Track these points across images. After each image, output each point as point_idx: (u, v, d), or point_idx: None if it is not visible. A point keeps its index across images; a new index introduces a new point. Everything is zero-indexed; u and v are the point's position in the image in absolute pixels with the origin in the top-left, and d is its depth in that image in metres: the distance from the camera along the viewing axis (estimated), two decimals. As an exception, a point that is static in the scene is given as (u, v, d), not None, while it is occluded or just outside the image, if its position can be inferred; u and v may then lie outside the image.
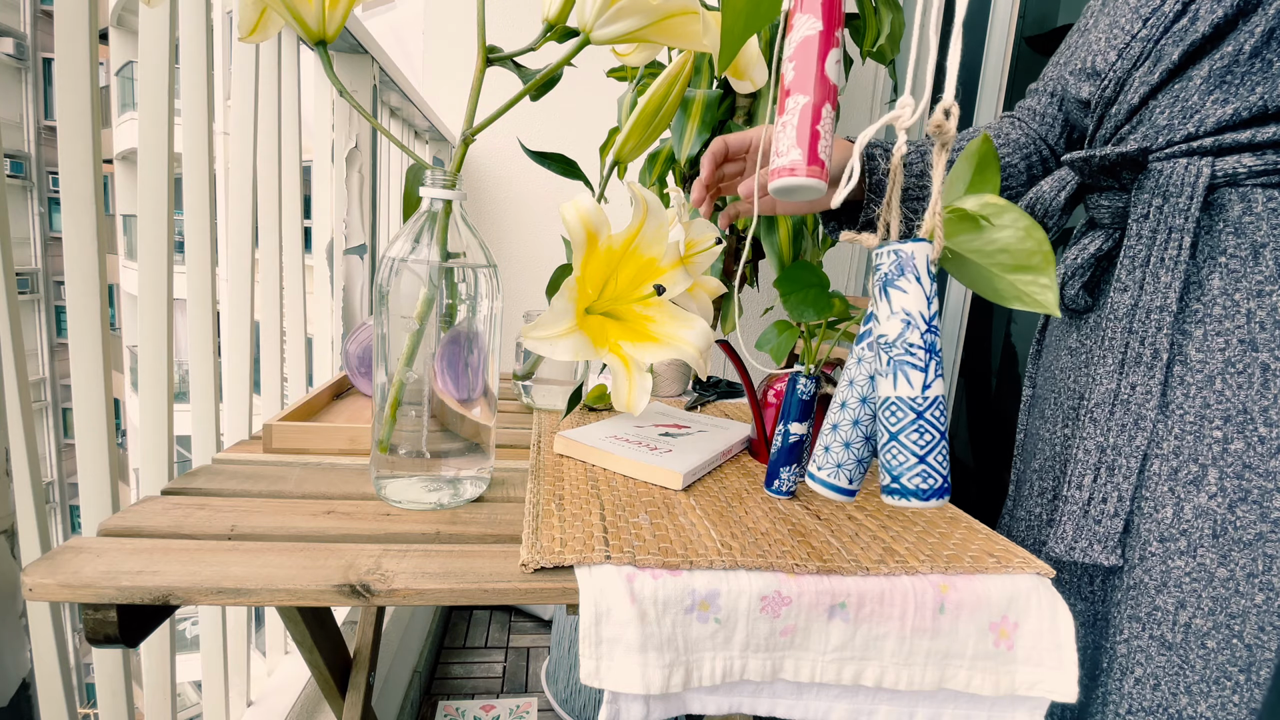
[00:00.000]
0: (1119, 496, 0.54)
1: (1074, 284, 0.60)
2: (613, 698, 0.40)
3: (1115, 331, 0.55)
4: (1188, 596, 0.52)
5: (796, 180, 0.28)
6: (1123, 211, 0.57)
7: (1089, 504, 0.55)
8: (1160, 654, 0.53)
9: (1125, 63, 0.55)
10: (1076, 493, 0.56)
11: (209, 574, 0.38)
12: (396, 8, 5.93)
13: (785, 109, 0.29)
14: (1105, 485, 0.55)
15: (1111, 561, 0.54)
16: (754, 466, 0.64)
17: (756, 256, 1.18)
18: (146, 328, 0.64)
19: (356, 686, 0.74)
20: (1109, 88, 0.57)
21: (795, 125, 0.29)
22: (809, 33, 0.29)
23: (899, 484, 0.30)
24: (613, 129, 0.90)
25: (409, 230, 0.47)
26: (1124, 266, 0.54)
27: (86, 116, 0.52)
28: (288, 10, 0.44)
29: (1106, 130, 0.59)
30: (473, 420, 0.50)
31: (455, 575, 0.40)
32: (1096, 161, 0.55)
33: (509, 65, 0.49)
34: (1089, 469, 0.55)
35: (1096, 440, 0.55)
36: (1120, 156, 0.54)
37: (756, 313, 1.73)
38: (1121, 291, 0.54)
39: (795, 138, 0.29)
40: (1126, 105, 0.56)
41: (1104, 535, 0.54)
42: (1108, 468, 0.55)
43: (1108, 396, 0.55)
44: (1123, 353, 0.54)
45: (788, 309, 0.50)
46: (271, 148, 0.86)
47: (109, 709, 0.61)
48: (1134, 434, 0.54)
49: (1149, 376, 0.53)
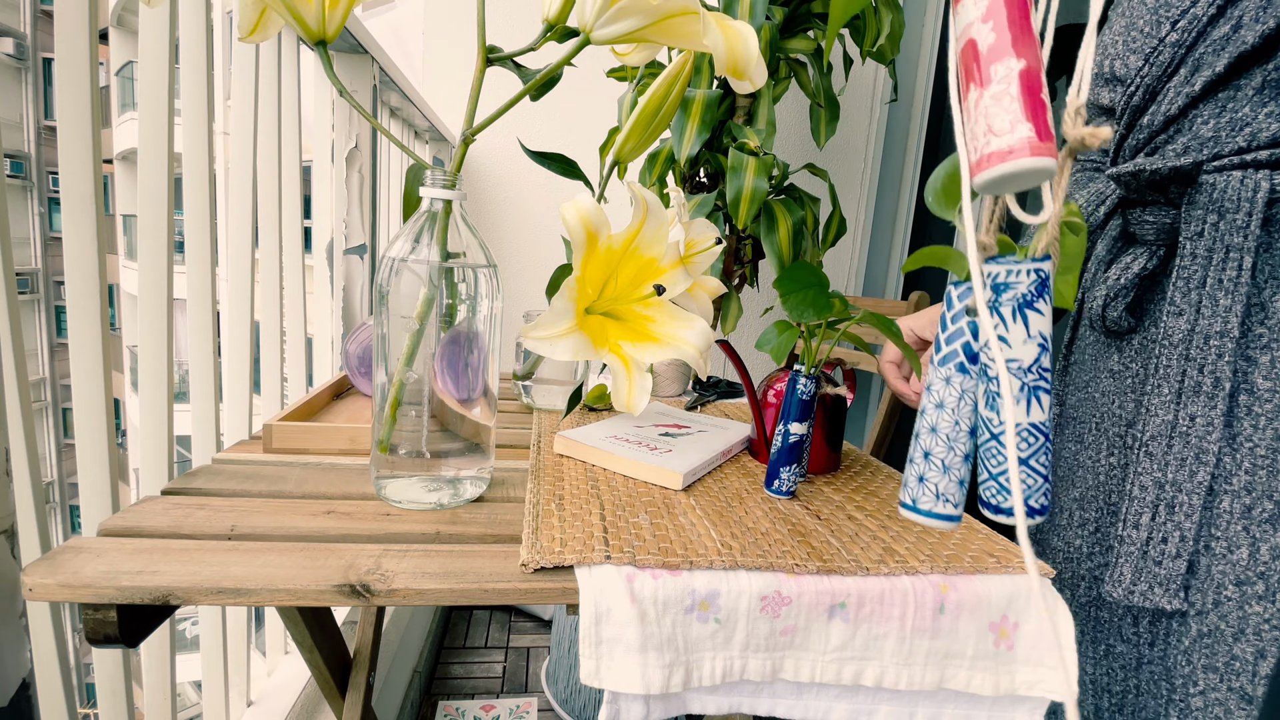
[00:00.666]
0: (1181, 536, 0.50)
1: (1117, 305, 0.56)
2: (613, 698, 0.40)
3: (1170, 359, 0.51)
4: (1268, 645, 0.48)
5: (1024, 164, 0.23)
6: (1170, 228, 0.53)
7: (1148, 544, 0.51)
8: (1240, 708, 0.49)
9: (1155, 69, 0.52)
10: (1133, 532, 0.52)
11: (209, 574, 0.38)
12: (396, 8, 5.93)
13: (990, 77, 0.24)
14: (1165, 524, 0.51)
15: (1174, 605, 0.50)
16: (754, 466, 0.64)
17: (756, 256, 1.18)
18: (146, 328, 0.64)
19: (356, 686, 0.74)
20: (1137, 95, 0.54)
21: (1015, 95, 0.23)
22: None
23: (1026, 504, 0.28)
24: (613, 129, 0.90)
25: (409, 230, 0.47)
26: (1178, 289, 0.50)
27: (86, 116, 0.52)
28: (288, 10, 0.44)
29: (1138, 139, 0.55)
30: (473, 420, 0.50)
31: (455, 575, 0.40)
32: (1146, 176, 0.52)
33: (509, 65, 0.49)
34: (1146, 506, 0.51)
35: (1154, 476, 0.51)
36: (1172, 170, 0.50)
37: (756, 313, 1.73)
38: (1176, 316, 0.50)
39: (1019, 110, 0.23)
40: (1163, 115, 0.53)
41: (1165, 577, 0.50)
42: (1167, 505, 0.51)
43: (1164, 429, 0.51)
44: (1179, 381, 0.50)
45: (787, 309, 0.50)
46: (271, 148, 0.86)
47: (109, 709, 0.61)
48: (1195, 469, 0.50)
49: (1210, 407, 0.49)
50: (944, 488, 0.32)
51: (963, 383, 0.31)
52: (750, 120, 1.06)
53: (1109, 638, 0.57)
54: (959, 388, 0.31)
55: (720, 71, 0.48)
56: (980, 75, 0.24)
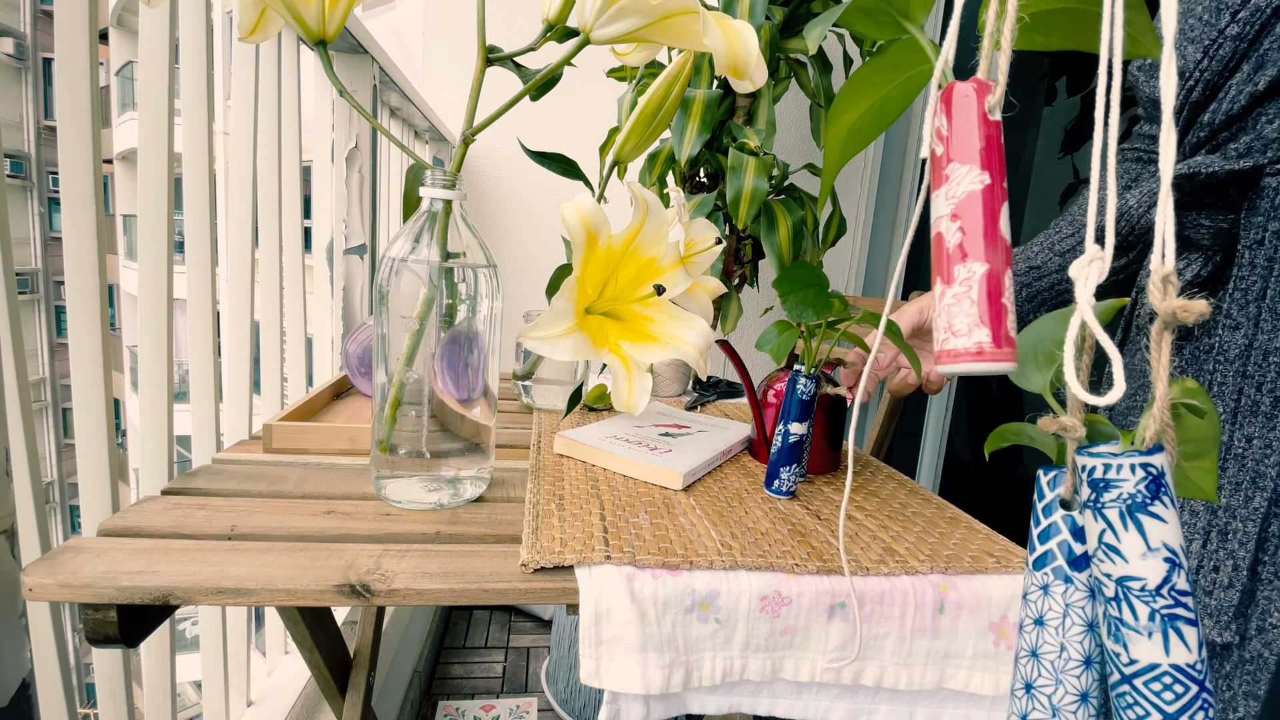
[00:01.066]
0: (1234, 565, 0.47)
1: None
2: (613, 698, 0.40)
3: (1226, 375, 0.48)
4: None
5: (981, 365, 0.23)
6: (1228, 234, 0.50)
7: (1198, 572, 0.49)
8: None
9: (1215, 64, 0.49)
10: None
11: (209, 574, 0.38)
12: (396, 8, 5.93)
13: (955, 278, 0.24)
14: (1218, 552, 0.48)
15: (1225, 639, 0.48)
16: (754, 466, 0.64)
17: (756, 256, 1.18)
18: (146, 328, 0.64)
19: (356, 686, 0.74)
20: (1196, 90, 0.50)
21: (974, 299, 0.24)
22: (974, 187, 0.24)
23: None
24: (613, 129, 0.90)
25: (409, 230, 0.47)
26: (1235, 301, 0.48)
27: (86, 116, 0.52)
28: (288, 10, 0.44)
29: (1198, 137, 0.52)
30: (473, 420, 0.50)
31: (455, 575, 0.40)
32: (1202, 178, 0.49)
33: (509, 65, 0.49)
34: (1197, 533, 0.49)
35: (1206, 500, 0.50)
36: (1230, 174, 0.47)
37: (756, 313, 1.73)
38: (1233, 329, 0.48)
39: (977, 315, 0.24)
40: (1224, 113, 0.49)
41: (1216, 609, 0.48)
42: (1219, 532, 0.48)
43: (1219, 451, 0.49)
44: (1235, 400, 0.47)
45: (787, 309, 0.50)
46: (271, 148, 0.86)
47: (109, 709, 0.61)
48: (1251, 494, 0.47)
49: (1268, 428, 0.46)
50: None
51: (1066, 594, 0.25)
52: (750, 120, 1.06)
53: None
54: (1062, 601, 0.25)
55: (720, 71, 0.48)
56: (946, 273, 0.25)
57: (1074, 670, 0.24)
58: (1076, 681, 0.24)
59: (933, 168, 0.25)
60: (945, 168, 0.25)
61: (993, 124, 0.24)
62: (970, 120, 0.24)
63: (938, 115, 0.25)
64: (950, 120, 0.24)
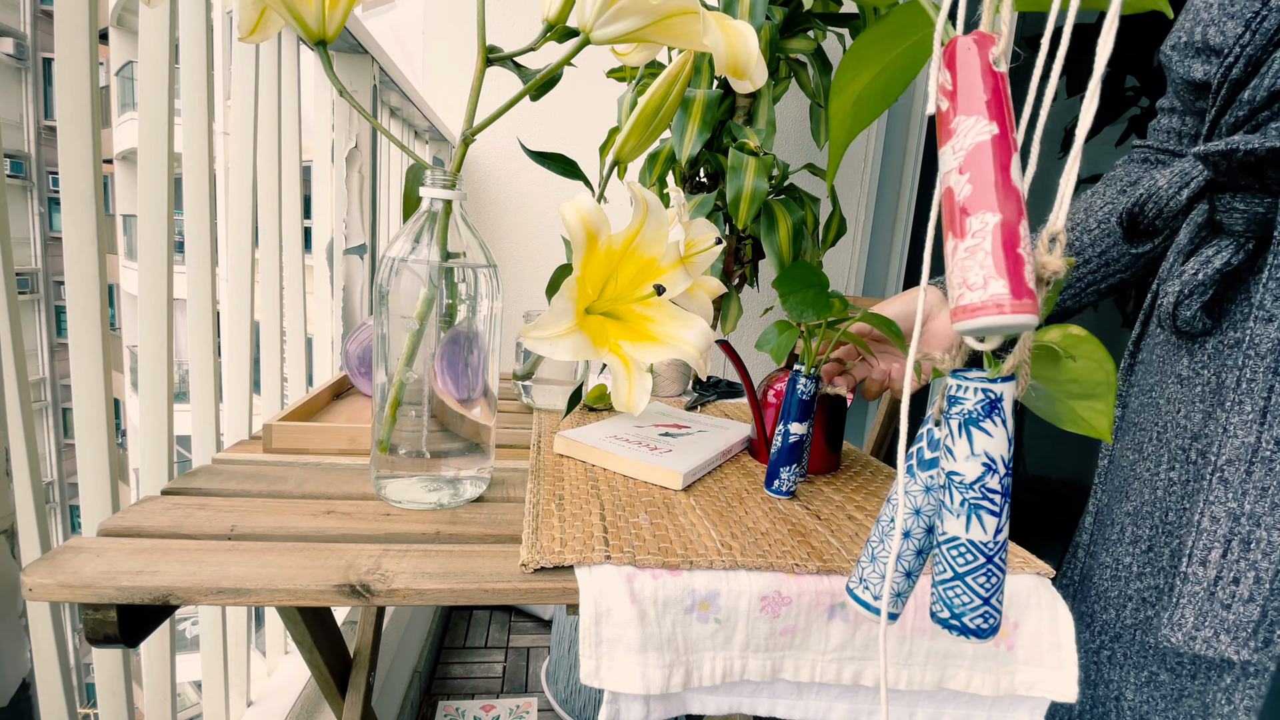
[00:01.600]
0: (1256, 577, 0.44)
1: (1192, 304, 0.50)
2: (613, 698, 0.40)
3: (1256, 371, 0.45)
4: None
5: (999, 319, 0.23)
6: (1264, 219, 0.47)
7: (1216, 584, 0.46)
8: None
9: (1259, 38, 0.46)
10: (1200, 569, 0.46)
11: (209, 574, 0.38)
12: (396, 8, 5.93)
13: (967, 230, 0.24)
14: (1239, 563, 0.45)
15: (1243, 656, 0.45)
16: (754, 466, 0.64)
17: (756, 256, 1.18)
18: (146, 328, 0.64)
19: (356, 686, 0.74)
20: (1237, 67, 0.47)
21: (989, 250, 0.23)
22: (982, 138, 0.24)
23: (959, 621, 0.28)
24: (613, 129, 0.90)
25: (409, 230, 0.47)
26: (1269, 290, 0.45)
27: (86, 116, 0.52)
28: (288, 10, 0.44)
29: (1237, 116, 0.49)
30: (473, 420, 0.50)
31: (455, 575, 0.40)
32: (1240, 156, 0.45)
33: (509, 65, 0.49)
34: (1218, 541, 0.46)
35: (1228, 506, 0.45)
36: (1270, 151, 0.44)
37: (756, 313, 1.73)
38: (1266, 322, 0.45)
39: (993, 265, 0.23)
40: (1266, 89, 0.46)
41: (1234, 624, 0.45)
42: (1243, 541, 0.45)
43: (1244, 453, 0.45)
44: (1265, 398, 0.44)
45: (787, 309, 0.50)
46: (271, 148, 0.86)
47: (109, 709, 0.61)
48: (1279, 500, 0.44)
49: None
50: (867, 575, 0.33)
51: (907, 484, 0.31)
52: (750, 120, 1.06)
53: (1152, 664, 0.53)
54: (904, 488, 0.31)
55: (720, 71, 0.48)
56: (958, 226, 0.24)
57: (893, 535, 0.31)
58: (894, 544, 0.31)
59: (939, 125, 0.25)
60: (951, 122, 0.24)
61: (999, 75, 0.24)
62: (974, 73, 0.24)
63: (941, 71, 0.25)
64: (954, 75, 0.24)
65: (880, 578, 0.32)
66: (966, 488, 0.27)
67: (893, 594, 0.31)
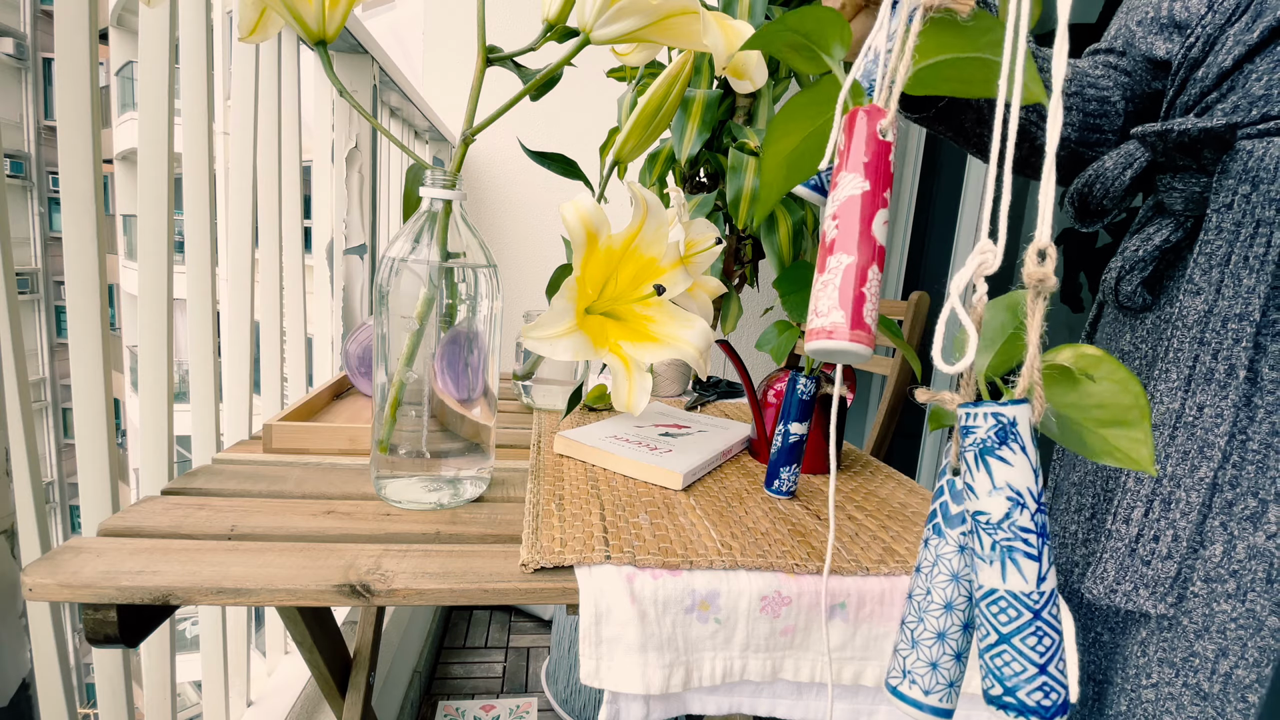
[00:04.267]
0: (1174, 535, 0.46)
1: (1132, 279, 0.52)
2: (613, 698, 0.40)
3: (1183, 341, 0.47)
4: (1231, 644, 0.46)
5: (835, 344, 0.26)
6: (1200, 198, 0.49)
7: (1137, 541, 0.48)
8: (1194, 704, 0.47)
9: (1218, 17, 0.47)
10: (1123, 527, 0.48)
11: (209, 574, 0.38)
12: (396, 8, 5.93)
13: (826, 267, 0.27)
14: (1159, 521, 0.47)
15: (1160, 609, 0.47)
16: (754, 466, 0.64)
17: (756, 256, 1.18)
18: (146, 328, 0.64)
19: (356, 686, 0.74)
20: (1196, 46, 0.48)
21: (838, 285, 0.27)
22: (854, 192, 0.27)
23: (1015, 698, 0.24)
24: (613, 129, 0.90)
25: (409, 230, 0.47)
26: (1198, 265, 0.46)
27: (86, 116, 0.52)
28: (288, 10, 0.44)
29: (1189, 97, 0.50)
30: (473, 420, 0.50)
31: (455, 575, 0.40)
32: (1174, 136, 0.47)
33: (509, 65, 0.49)
34: (1140, 500, 0.48)
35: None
36: (1203, 132, 0.45)
37: (756, 313, 1.73)
38: (1194, 294, 0.46)
39: (837, 299, 0.26)
40: (1217, 68, 0.47)
41: (1152, 578, 0.47)
42: (1163, 501, 0.47)
43: (1169, 418, 0.47)
44: (1190, 366, 0.46)
45: (787, 309, 0.50)
46: (271, 148, 0.86)
47: (109, 709, 0.61)
48: (1198, 463, 0.46)
49: (1220, 396, 0.45)
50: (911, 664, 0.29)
51: (938, 546, 0.28)
52: (750, 120, 1.06)
53: (1096, 626, 0.55)
54: (934, 552, 0.29)
55: (720, 71, 0.48)
56: (820, 264, 0.27)
57: (935, 611, 0.27)
58: (936, 621, 0.27)
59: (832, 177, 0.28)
60: (837, 175, 0.28)
61: (881, 143, 0.27)
62: (861, 139, 0.27)
63: (840, 134, 0.29)
64: (849, 137, 0.28)
65: (929, 665, 0.28)
66: (995, 528, 0.24)
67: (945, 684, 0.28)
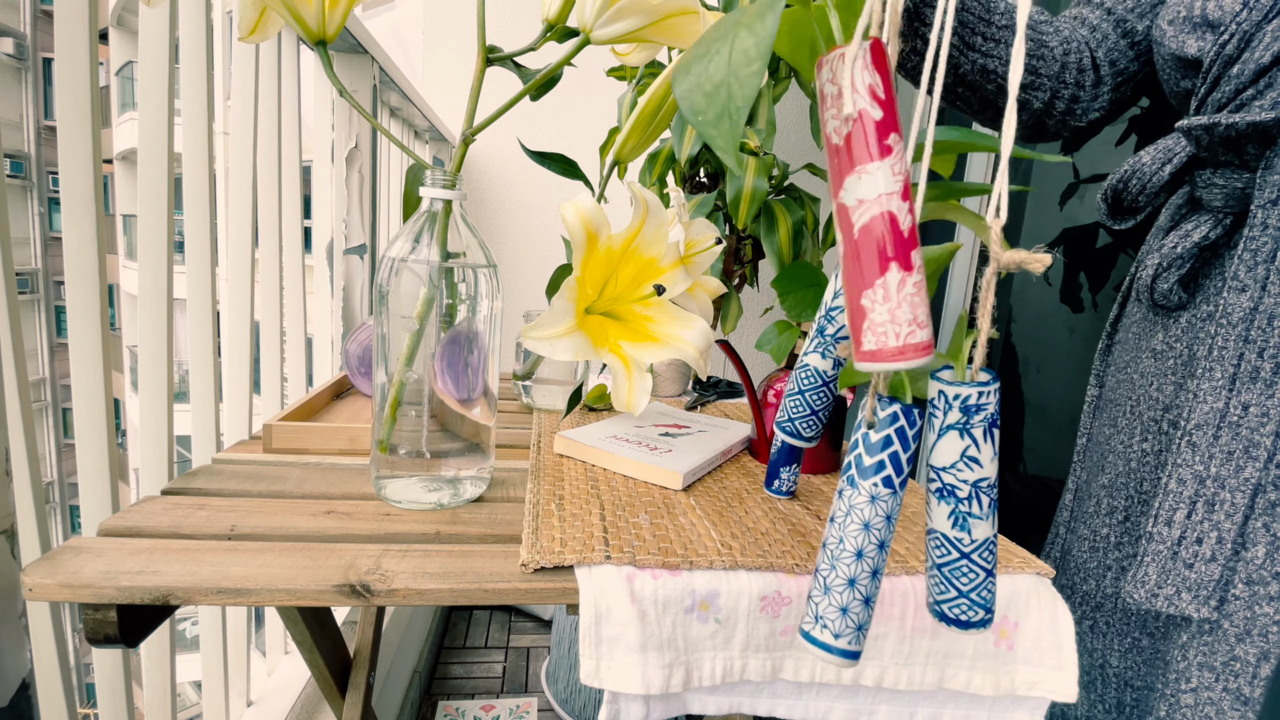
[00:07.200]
0: (1219, 537, 0.46)
1: (1169, 276, 0.51)
2: (613, 698, 0.40)
3: (1227, 339, 0.46)
4: (1273, 648, 0.45)
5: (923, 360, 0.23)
6: (1242, 194, 0.48)
7: (1180, 544, 0.47)
8: (1235, 709, 0.47)
9: (1254, 13, 0.46)
10: (1165, 529, 0.47)
11: (209, 574, 0.38)
12: (396, 8, 5.93)
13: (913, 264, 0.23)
14: (1203, 523, 0.46)
15: (1203, 614, 0.46)
16: (754, 466, 0.64)
17: (756, 256, 1.17)
18: (146, 328, 0.64)
19: (356, 686, 0.74)
20: (1231, 43, 0.47)
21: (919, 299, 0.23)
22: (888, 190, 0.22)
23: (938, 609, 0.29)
24: (613, 129, 0.90)
25: (409, 230, 0.47)
26: (1244, 262, 0.46)
27: (86, 116, 0.52)
28: (288, 10, 0.44)
29: (1224, 94, 0.49)
30: (473, 420, 0.50)
31: (455, 575, 0.40)
32: (1221, 131, 0.46)
33: (509, 65, 0.49)
34: (1183, 502, 0.47)
35: (1195, 469, 0.47)
36: (1250, 126, 0.45)
37: (756, 313, 1.73)
38: (1239, 292, 0.46)
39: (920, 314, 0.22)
40: (1254, 64, 0.47)
41: (1195, 582, 0.46)
42: (1207, 503, 0.46)
43: (1212, 417, 0.46)
44: (1235, 365, 0.46)
45: (787, 309, 0.50)
46: (271, 148, 0.86)
47: (109, 709, 0.61)
48: (1244, 464, 0.45)
49: (1267, 395, 0.45)
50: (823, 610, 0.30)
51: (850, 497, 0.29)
52: (750, 120, 1.06)
53: (1134, 630, 0.54)
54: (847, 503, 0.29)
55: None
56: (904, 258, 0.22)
57: (846, 559, 0.29)
58: (847, 569, 0.29)
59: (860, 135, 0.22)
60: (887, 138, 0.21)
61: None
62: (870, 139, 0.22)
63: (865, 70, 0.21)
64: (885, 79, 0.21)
65: (839, 610, 0.29)
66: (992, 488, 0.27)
67: (854, 628, 0.29)
